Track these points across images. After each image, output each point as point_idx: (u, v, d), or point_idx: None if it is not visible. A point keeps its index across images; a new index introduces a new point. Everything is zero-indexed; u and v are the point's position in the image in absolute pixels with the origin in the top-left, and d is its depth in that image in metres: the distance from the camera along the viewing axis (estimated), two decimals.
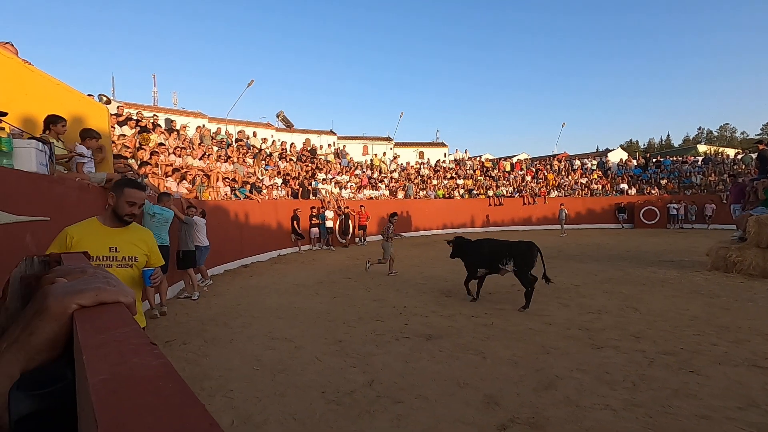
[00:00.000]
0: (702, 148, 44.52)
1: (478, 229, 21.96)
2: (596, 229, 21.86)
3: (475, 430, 2.96)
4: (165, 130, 13.48)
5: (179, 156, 11.15)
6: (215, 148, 14.25)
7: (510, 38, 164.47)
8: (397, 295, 7.28)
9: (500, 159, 29.63)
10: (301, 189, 15.16)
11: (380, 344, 4.77)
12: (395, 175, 22.77)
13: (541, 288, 7.66)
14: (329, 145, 22.83)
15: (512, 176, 25.23)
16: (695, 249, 12.31)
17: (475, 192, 23.09)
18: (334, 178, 17.89)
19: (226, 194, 11.55)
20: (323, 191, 16.09)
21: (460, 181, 23.78)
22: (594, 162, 28.00)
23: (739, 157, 25.15)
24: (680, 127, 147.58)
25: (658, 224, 21.68)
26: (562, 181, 25.16)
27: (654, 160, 28.33)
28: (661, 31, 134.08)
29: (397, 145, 32.94)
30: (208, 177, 11.43)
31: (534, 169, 26.23)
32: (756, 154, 11.05)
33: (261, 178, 14.26)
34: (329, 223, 14.38)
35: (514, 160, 28.94)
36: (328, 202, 15.37)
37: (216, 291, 7.88)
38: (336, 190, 16.91)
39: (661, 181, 24.43)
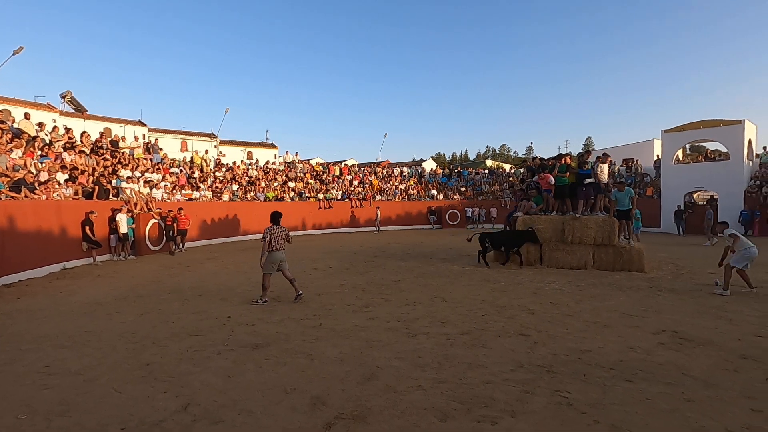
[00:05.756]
0: (489, 162, 55.05)
1: (310, 232, 22.15)
2: (413, 230, 24.62)
3: None
4: None
5: None
6: None
7: (337, 45, 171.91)
8: (220, 306, 6.71)
9: (330, 163, 30.60)
10: (97, 188, 12.57)
11: (198, 361, 4.30)
12: (219, 175, 21.08)
13: (366, 286, 8.18)
14: (137, 137, 19.61)
15: (341, 180, 26.31)
16: None
17: (305, 195, 23.22)
18: (142, 176, 15.43)
19: None
20: (128, 191, 13.71)
21: (291, 184, 23.58)
22: (411, 170, 31.55)
23: (513, 170, 32.01)
24: (474, 144, 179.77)
25: (459, 225, 25.79)
26: (385, 186, 27.51)
27: (456, 170, 33.56)
28: (459, 65, 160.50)
29: (223, 143, 30.61)
30: None
31: (361, 174, 27.94)
32: (523, 168, 14.20)
33: (35, 172, 11.25)
34: (124, 229, 12.11)
35: (343, 164, 30.30)
36: (135, 204, 13.18)
37: None
38: (146, 191, 14.62)
39: (461, 189, 29.17)
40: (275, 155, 31.35)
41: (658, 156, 24.27)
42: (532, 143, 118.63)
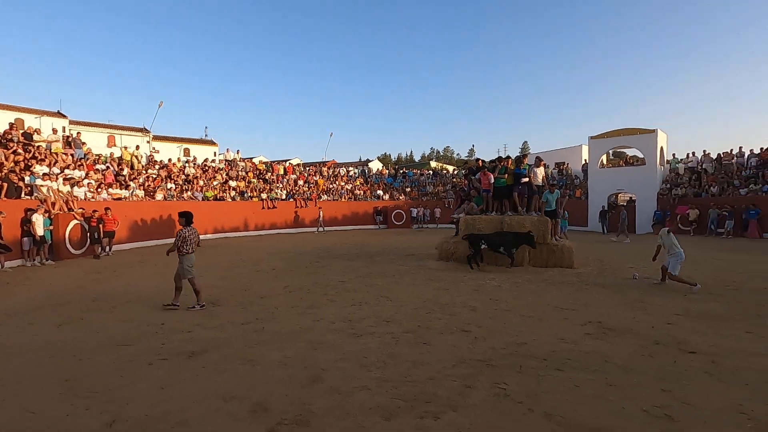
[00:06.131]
0: (433, 164, 56.47)
1: (252, 233, 21.41)
2: (359, 230, 24.64)
3: None
4: None
5: None
6: None
7: (280, 42, 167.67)
8: (152, 312, 6.28)
9: (274, 162, 29.78)
10: (6, 185, 11.26)
11: (127, 373, 3.99)
12: (153, 172, 19.74)
13: (312, 287, 8.06)
14: (55, 130, 17.81)
15: (286, 180, 25.71)
16: (429, 244, 15.40)
17: (248, 195, 22.41)
18: (62, 172, 14.05)
19: None
20: (44, 189, 12.42)
21: (232, 183, 22.64)
22: (357, 170, 31.54)
23: (456, 172, 33.09)
24: (420, 146, 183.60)
25: (404, 225, 26.19)
26: (331, 186, 27.28)
27: (401, 171, 34.06)
28: (405, 67, 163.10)
29: (157, 138, 28.77)
30: None
31: (306, 174, 27.48)
32: (467, 170, 14.71)
33: None
34: (40, 231, 10.96)
35: (288, 163, 29.62)
36: (53, 203, 11.97)
37: None
38: (66, 189, 13.33)
39: (406, 189, 29.67)
40: (215, 153, 29.99)
41: (585, 160, 26.25)
42: (473, 146, 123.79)
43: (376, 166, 43.26)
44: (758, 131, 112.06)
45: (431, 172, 34.10)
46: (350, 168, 32.09)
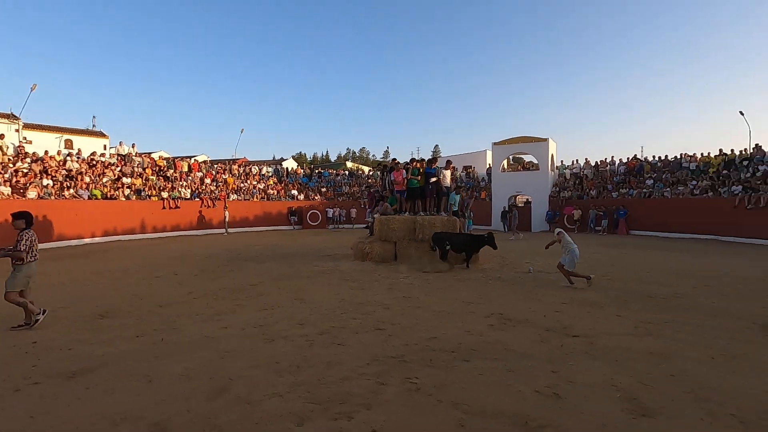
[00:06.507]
0: (349, 164, 56.72)
1: (151, 235, 19.50)
2: (273, 231, 23.80)
3: None
4: None
5: None
6: None
7: (183, 35, 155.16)
8: (20, 330, 5.38)
9: (177, 158, 27.44)
10: None
11: None
12: (23, 166, 16.96)
13: (219, 292, 7.57)
14: None
15: (190, 178, 23.84)
16: (345, 244, 15.41)
17: (146, 193, 20.34)
18: None
19: None
20: None
21: (127, 180, 20.36)
22: (270, 169, 30.41)
23: (371, 172, 33.59)
24: (335, 146, 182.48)
25: (320, 225, 25.90)
26: (242, 185, 25.94)
27: (317, 171, 33.63)
28: (321, 66, 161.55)
29: (29, 127, 24.83)
30: None
31: (214, 172, 25.77)
32: (380, 171, 14.99)
33: None
34: None
35: (193, 160, 27.50)
36: None
37: None
38: None
39: (322, 189, 29.37)
40: (105, 146, 26.78)
41: (489, 164, 28.42)
42: (388, 147, 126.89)
43: (290, 165, 42.14)
44: (628, 143, 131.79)
45: (347, 172, 34.20)
46: (263, 167, 30.80)
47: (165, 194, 20.94)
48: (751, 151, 19.92)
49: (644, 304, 6.63)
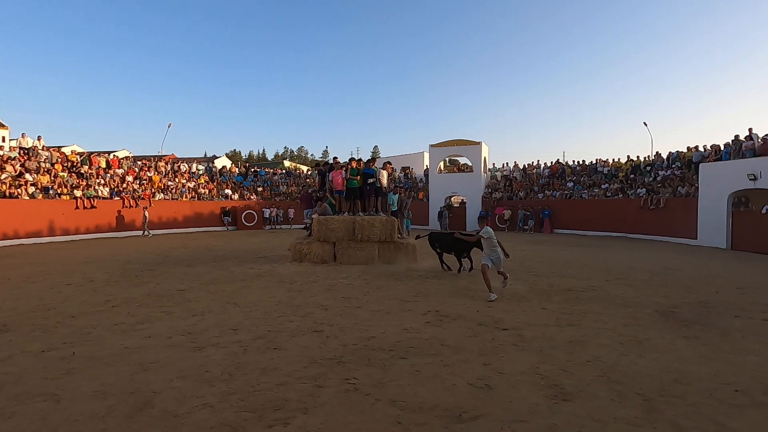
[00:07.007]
0: (287, 163, 55.31)
1: (62, 238, 17.56)
2: (204, 232, 22.53)
3: None
4: None
5: None
6: None
7: (98, 25, 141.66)
8: None
9: (93, 153, 24.97)
10: None
11: None
12: None
13: (142, 299, 7.01)
14: None
15: (109, 175, 21.82)
16: (282, 245, 14.99)
17: (54, 191, 18.28)
18: None
19: None
20: None
21: (30, 177, 18.14)
22: (202, 167, 28.73)
23: (309, 172, 33.02)
24: (273, 145, 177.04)
25: (256, 226, 24.95)
26: (170, 183, 24.25)
27: (253, 170, 32.36)
28: (257, 64, 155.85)
29: None
30: None
31: (136, 169, 23.81)
32: (317, 171, 14.76)
33: None
34: None
35: (112, 156, 25.21)
36: None
37: None
38: None
39: (258, 189, 28.32)
40: (4, 137, 23.68)
41: (427, 166, 29.20)
42: (327, 147, 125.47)
43: (223, 163, 40.14)
44: (552, 147, 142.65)
45: (285, 171, 33.31)
46: (193, 164, 29.00)
47: (79, 193, 18.97)
48: (653, 158, 22.41)
49: (565, 296, 7.20)
